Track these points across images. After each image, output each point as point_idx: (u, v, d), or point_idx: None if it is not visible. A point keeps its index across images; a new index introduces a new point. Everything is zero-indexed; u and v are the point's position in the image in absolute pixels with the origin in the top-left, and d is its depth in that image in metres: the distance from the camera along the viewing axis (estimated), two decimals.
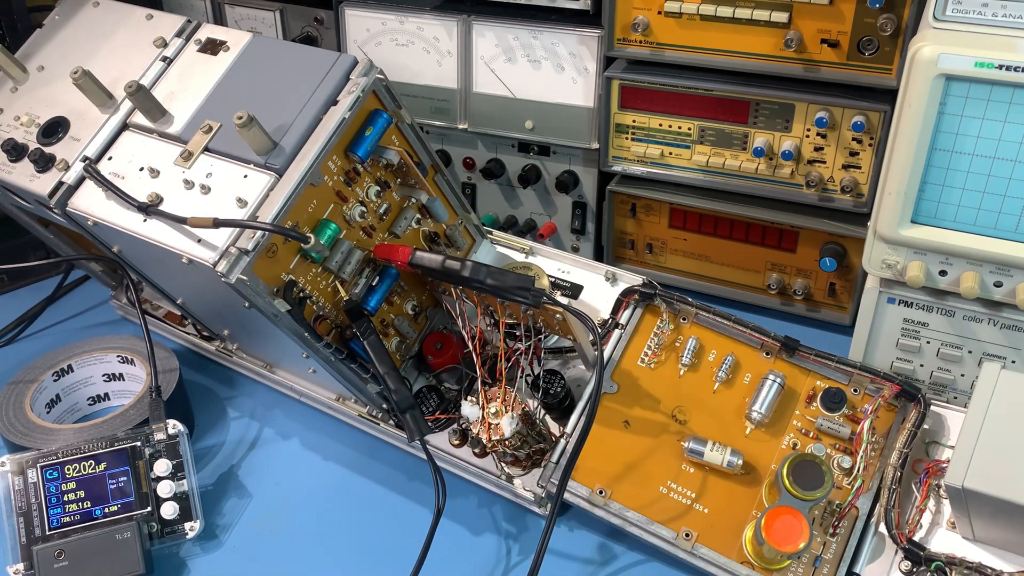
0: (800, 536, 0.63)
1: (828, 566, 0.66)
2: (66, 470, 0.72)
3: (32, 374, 0.83)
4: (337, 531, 0.75)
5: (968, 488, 0.58)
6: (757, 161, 0.90)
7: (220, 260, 0.62)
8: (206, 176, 0.67)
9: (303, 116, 0.66)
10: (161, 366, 0.82)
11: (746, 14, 0.83)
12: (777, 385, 0.72)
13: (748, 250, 0.96)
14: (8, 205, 0.83)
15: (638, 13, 0.88)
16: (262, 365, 0.87)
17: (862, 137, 0.84)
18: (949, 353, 0.77)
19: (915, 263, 0.72)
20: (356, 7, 1.00)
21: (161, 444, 0.74)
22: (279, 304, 0.64)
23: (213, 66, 0.73)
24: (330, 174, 0.67)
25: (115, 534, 0.69)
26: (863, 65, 0.81)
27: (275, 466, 0.82)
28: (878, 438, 0.69)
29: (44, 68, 0.79)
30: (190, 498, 0.73)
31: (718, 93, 0.88)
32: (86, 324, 1.01)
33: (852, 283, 0.93)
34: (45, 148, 0.73)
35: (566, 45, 0.93)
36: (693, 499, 0.70)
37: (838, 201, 0.88)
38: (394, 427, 0.78)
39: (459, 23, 0.96)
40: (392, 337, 0.77)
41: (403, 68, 1.01)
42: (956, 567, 0.63)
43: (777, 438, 0.71)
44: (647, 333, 0.76)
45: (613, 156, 0.97)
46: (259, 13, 1.11)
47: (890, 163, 0.69)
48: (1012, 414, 0.59)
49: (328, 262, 0.68)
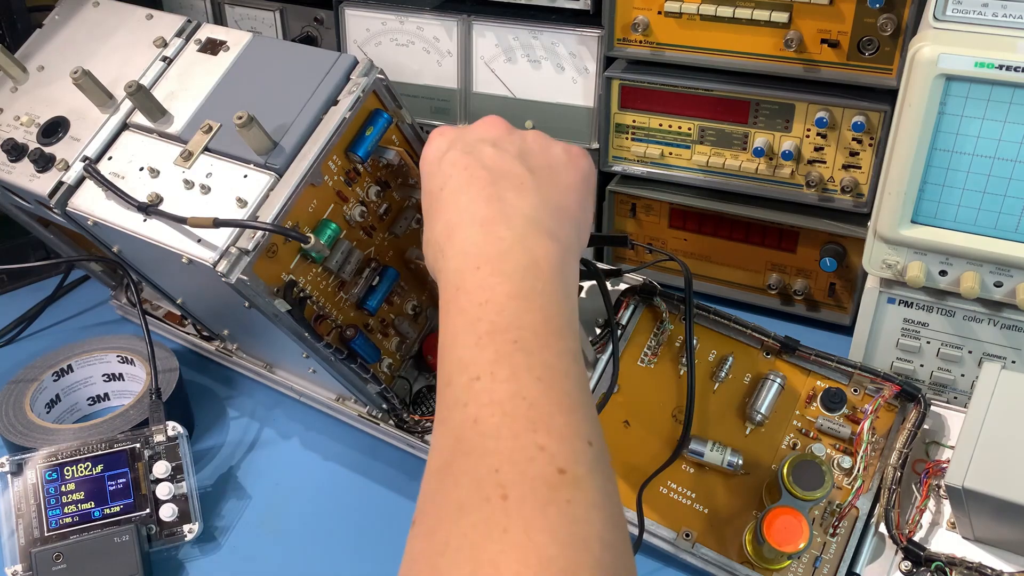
0: (800, 536, 0.63)
1: (828, 566, 0.66)
2: (65, 471, 0.72)
3: (32, 374, 0.83)
4: (337, 532, 0.75)
5: (968, 488, 0.58)
6: (757, 161, 0.90)
7: (220, 260, 0.62)
8: (206, 176, 0.67)
9: (303, 116, 0.66)
10: (161, 366, 0.82)
11: (746, 14, 0.83)
12: (777, 385, 0.72)
13: (748, 250, 0.96)
14: (8, 205, 0.83)
15: (638, 13, 0.88)
16: (262, 365, 0.87)
17: (862, 137, 0.84)
18: (949, 353, 0.77)
19: (915, 263, 0.72)
20: (356, 7, 1.00)
21: (160, 446, 0.74)
22: (279, 304, 0.64)
23: (213, 66, 0.73)
24: (330, 174, 0.67)
25: (113, 537, 0.69)
26: (863, 65, 0.81)
27: (275, 467, 0.81)
28: (878, 438, 0.69)
29: (44, 68, 0.79)
30: (189, 500, 0.73)
31: (718, 93, 0.88)
32: (86, 324, 1.00)
33: (852, 283, 0.93)
34: (45, 148, 0.73)
35: (566, 45, 0.93)
36: (693, 499, 0.70)
37: (838, 201, 0.88)
38: (394, 427, 0.78)
39: (459, 23, 0.96)
40: (392, 337, 0.77)
41: (403, 68, 1.01)
42: (956, 567, 0.63)
43: (777, 438, 0.71)
44: (647, 333, 0.76)
45: (613, 156, 0.97)
46: (259, 13, 1.11)
47: (890, 163, 0.69)
48: (1012, 414, 0.59)
49: (328, 262, 0.68)
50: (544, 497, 0.39)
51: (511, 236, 0.50)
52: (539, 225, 0.51)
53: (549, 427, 0.41)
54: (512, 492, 0.39)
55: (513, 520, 0.38)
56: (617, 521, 0.41)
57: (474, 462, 0.41)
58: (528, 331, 0.45)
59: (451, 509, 0.40)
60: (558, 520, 0.38)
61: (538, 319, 0.46)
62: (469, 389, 0.44)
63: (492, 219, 0.51)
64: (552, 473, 0.40)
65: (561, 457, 0.40)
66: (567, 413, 0.43)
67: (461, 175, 0.53)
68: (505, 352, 0.44)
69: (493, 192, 0.52)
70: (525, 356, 0.44)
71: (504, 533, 0.37)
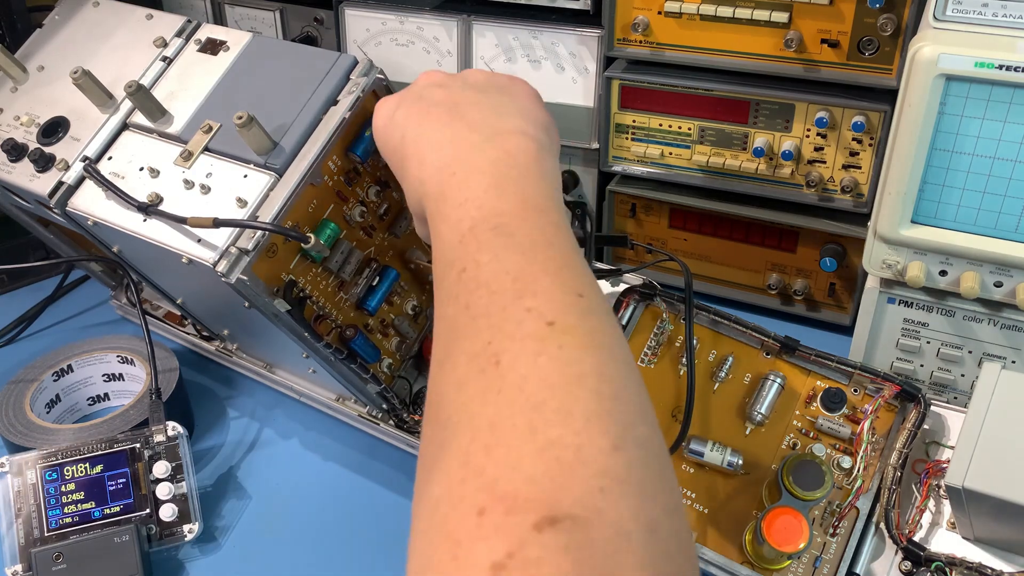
0: (800, 536, 0.63)
1: (828, 566, 0.66)
2: (65, 471, 0.72)
3: (32, 374, 0.83)
4: (337, 531, 0.75)
5: (968, 488, 0.58)
6: (757, 161, 0.90)
7: (220, 260, 0.62)
8: (206, 176, 0.67)
9: (303, 116, 0.66)
10: (161, 366, 0.82)
11: (746, 14, 0.83)
12: (777, 385, 0.72)
13: (748, 250, 0.96)
14: (8, 205, 0.83)
15: (638, 13, 0.88)
16: (262, 365, 0.87)
17: (862, 137, 0.84)
18: (949, 353, 0.77)
19: (915, 263, 0.72)
20: (356, 7, 1.00)
21: (160, 446, 0.74)
22: (279, 304, 0.64)
23: (213, 66, 0.73)
24: (330, 174, 0.67)
25: (113, 537, 0.69)
26: (863, 65, 0.82)
27: (274, 467, 0.81)
28: (878, 438, 0.69)
29: (44, 68, 0.79)
30: (189, 500, 0.73)
31: (718, 93, 0.88)
32: (86, 324, 1.00)
33: (852, 283, 0.93)
34: (45, 148, 0.73)
35: (566, 45, 0.93)
36: (693, 499, 0.70)
37: (838, 201, 0.88)
38: (394, 427, 0.78)
39: (459, 23, 0.96)
40: (392, 337, 0.77)
41: (403, 68, 1.01)
42: (956, 567, 0.63)
43: (777, 438, 0.71)
44: (647, 333, 0.76)
45: (613, 156, 0.97)
46: (259, 13, 1.11)
47: (890, 163, 0.69)
48: (1012, 414, 0.59)
49: (328, 262, 0.68)
50: (533, 349, 0.39)
51: (479, 138, 0.51)
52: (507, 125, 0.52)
53: (535, 291, 0.41)
54: (504, 357, 0.39)
55: (507, 380, 0.38)
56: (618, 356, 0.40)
57: (469, 343, 0.41)
58: (507, 216, 0.46)
59: (451, 388, 0.40)
60: (548, 366, 0.38)
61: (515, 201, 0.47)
62: (458, 281, 0.44)
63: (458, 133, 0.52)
64: (541, 327, 0.40)
65: (549, 312, 0.40)
66: (552, 274, 0.43)
67: (417, 118, 0.55)
68: (486, 240, 0.45)
69: (454, 115, 0.53)
70: (505, 238, 0.45)
71: (498, 395, 0.38)
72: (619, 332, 0.43)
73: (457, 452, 0.37)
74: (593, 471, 0.34)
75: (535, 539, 0.32)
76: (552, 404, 0.37)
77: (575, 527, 0.32)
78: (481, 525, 0.33)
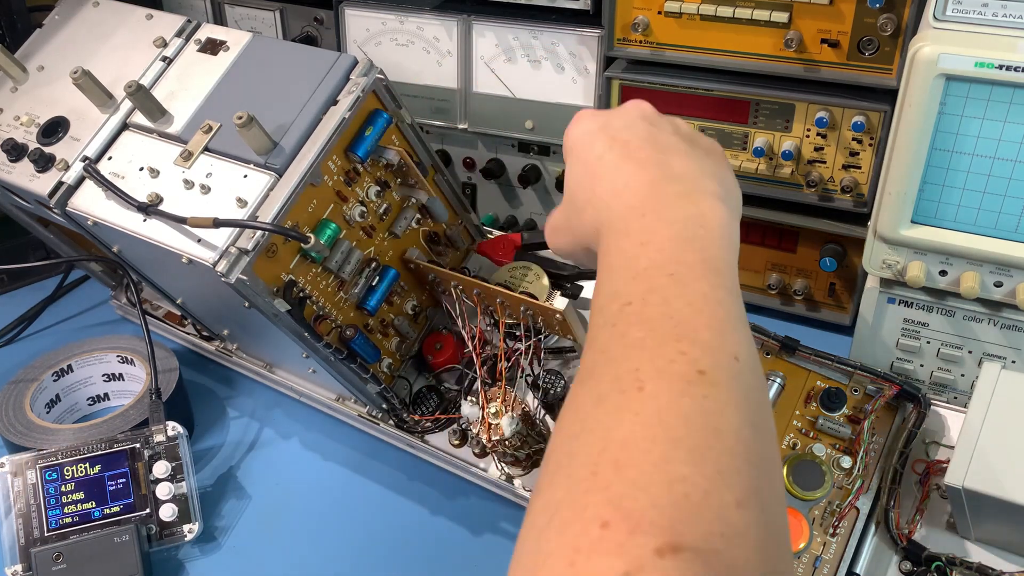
0: (800, 536, 0.63)
1: (828, 566, 0.66)
2: (65, 471, 0.72)
3: (32, 374, 0.83)
4: (337, 532, 0.75)
5: (968, 488, 0.58)
6: (757, 161, 0.90)
7: (220, 260, 0.62)
8: (206, 176, 0.67)
9: (303, 116, 0.66)
10: (161, 366, 0.82)
11: (746, 14, 0.83)
12: (777, 385, 0.72)
13: (748, 250, 0.96)
14: (8, 205, 0.83)
15: (638, 13, 0.88)
16: (262, 365, 0.87)
17: (862, 137, 0.84)
18: (949, 353, 0.77)
19: (915, 263, 0.72)
20: (356, 7, 1.00)
21: (160, 446, 0.74)
22: (279, 304, 0.64)
23: (213, 66, 0.73)
24: (330, 174, 0.67)
25: (113, 537, 0.69)
26: (863, 65, 0.81)
27: (274, 467, 0.81)
28: (878, 438, 0.69)
29: (44, 68, 0.79)
30: (189, 500, 0.73)
31: (718, 93, 0.88)
32: (86, 324, 1.00)
33: (852, 283, 0.93)
34: (45, 148, 0.73)
35: (566, 45, 0.93)
36: None
37: (838, 201, 0.88)
38: (394, 427, 0.78)
39: (459, 23, 0.96)
40: (392, 337, 0.77)
41: (403, 68, 1.01)
42: (956, 567, 0.62)
43: (777, 438, 0.71)
44: None
45: None
46: (259, 13, 1.11)
47: (890, 163, 0.69)
48: (1012, 414, 0.59)
49: (328, 262, 0.68)
50: (679, 389, 0.39)
51: (678, 190, 0.51)
52: (705, 186, 0.52)
53: (694, 340, 0.41)
54: (648, 385, 0.39)
55: (647, 406, 0.38)
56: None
57: (616, 366, 0.41)
58: (685, 267, 0.46)
59: (590, 401, 0.41)
60: (691, 409, 0.38)
61: (696, 259, 0.47)
62: (620, 313, 0.44)
63: (659, 178, 0.51)
64: (691, 372, 0.40)
65: (703, 362, 0.40)
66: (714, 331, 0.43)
67: (622, 147, 0.54)
68: (659, 283, 0.45)
69: (660, 159, 0.53)
70: (679, 287, 0.45)
71: (636, 416, 0.38)
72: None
73: (586, 461, 0.37)
74: (716, 515, 0.35)
75: (655, 563, 0.32)
76: (687, 443, 0.37)
77: (696, 559, 0.33)
78: (603, 539, 0.33)
